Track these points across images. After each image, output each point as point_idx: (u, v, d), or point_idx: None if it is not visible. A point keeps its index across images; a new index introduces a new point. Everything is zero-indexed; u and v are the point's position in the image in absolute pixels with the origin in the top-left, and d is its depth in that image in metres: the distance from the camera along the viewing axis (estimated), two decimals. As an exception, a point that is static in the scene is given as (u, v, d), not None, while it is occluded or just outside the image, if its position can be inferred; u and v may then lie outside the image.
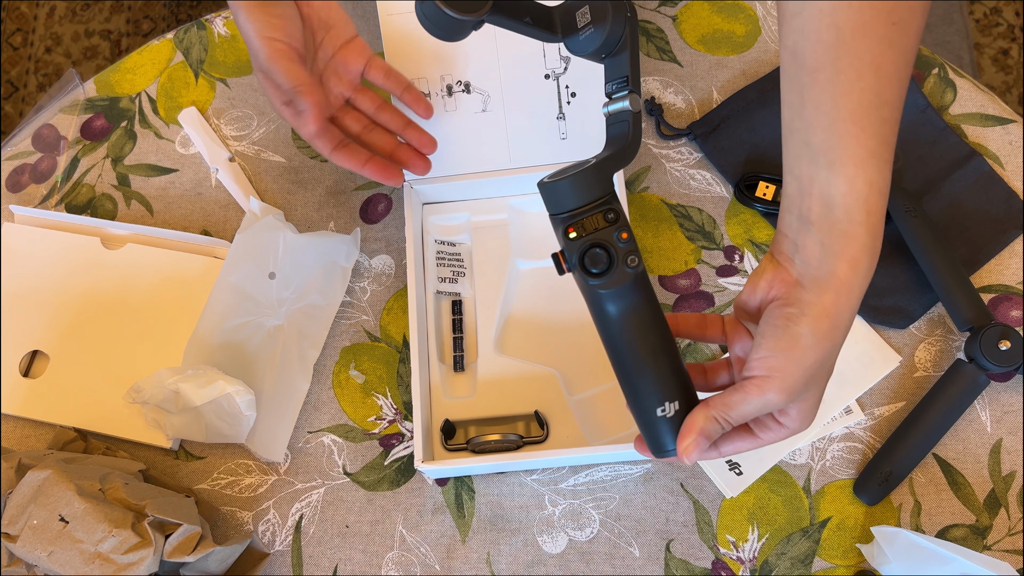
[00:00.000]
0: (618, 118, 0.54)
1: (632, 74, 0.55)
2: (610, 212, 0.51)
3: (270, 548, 0.71)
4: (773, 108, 0.80)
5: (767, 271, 0.52)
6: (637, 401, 0.54)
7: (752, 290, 0.53)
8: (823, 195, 0.48)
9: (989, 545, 0.68)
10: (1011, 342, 0.69)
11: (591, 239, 0.51)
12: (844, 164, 0.47)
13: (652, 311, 0.53)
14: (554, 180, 0.51)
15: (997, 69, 1.67)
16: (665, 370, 0.53)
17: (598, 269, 0.51)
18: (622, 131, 0.54)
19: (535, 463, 0.70)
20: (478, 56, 0.75)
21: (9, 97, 1.80)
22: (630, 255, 0.51)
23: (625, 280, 0.51)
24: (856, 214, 0.48)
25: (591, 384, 0.73)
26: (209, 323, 0.73)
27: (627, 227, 0.51)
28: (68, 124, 0.87)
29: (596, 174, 0.51)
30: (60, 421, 0.74)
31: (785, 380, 0.49)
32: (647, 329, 0.52)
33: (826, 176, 0.48)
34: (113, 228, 0.80)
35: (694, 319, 0.57)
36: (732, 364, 0.56)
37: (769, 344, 0.50)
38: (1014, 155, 0.78)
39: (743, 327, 0.55)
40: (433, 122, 0.76)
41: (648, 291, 0.53)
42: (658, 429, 0.53)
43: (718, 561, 0.68)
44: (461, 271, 0.77)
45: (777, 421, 0.53)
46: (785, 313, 0.49)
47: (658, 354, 0.53)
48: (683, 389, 0.54)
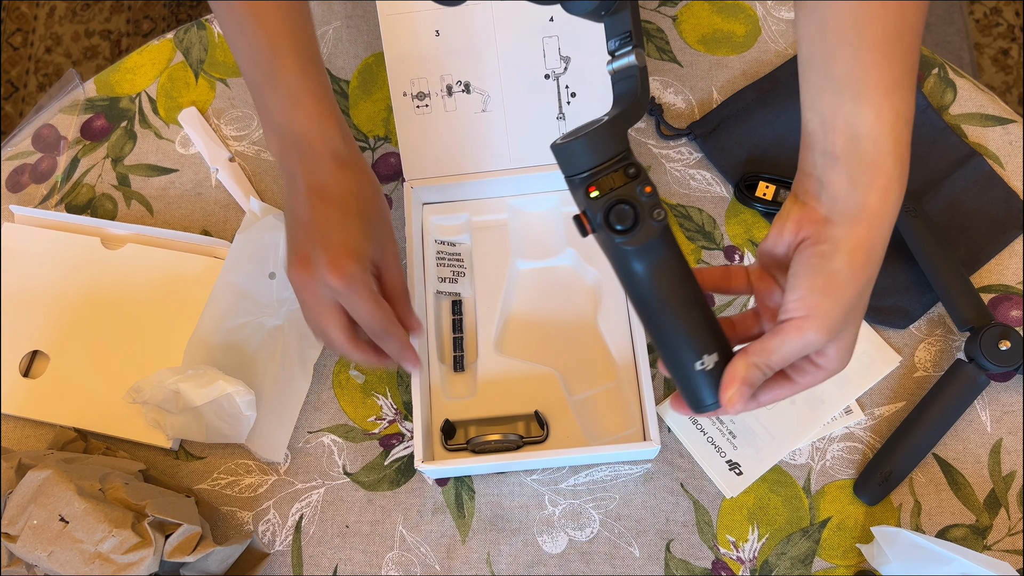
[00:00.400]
0: (624, 74, 0.53)
1: (635, 29, 0.53)
2: (630, 167, 0.50)
3: (270, 548, 0.71)
4: (773, 108, 0.80)
5: (792, 213, 0.51)
6: (673, 357, 0.52)
7: (779, 234, 0.52)
8: (848, 127, 0.48)
9: (989, 545, 0.68)
10: (1011, 342, 0.69)
11: (615, 195, 0.49)
12: (870, 94, 0.47)
13: (681, 263, 0.52)
14: (568, 141, 0.50)
15: (997, 69, 1.67)
16: (699, 322, 0.52)
17: (624, 226, 0.49)
18: (630, 87, 0.52)
19: (535, 463, 0.70)
20: (478, 56, 0.75)
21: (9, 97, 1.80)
22: (655, 208, 0.49)
23: (653, 234, 0.49)
24: (884, 143, 0.47)
25: (591, 384, 0.73)
26: (209, 323, 0.73)
27: (649, 180, 0.50)
28: (68, 124, 0.87)
29: (611, 130, 0.50)
30: (60, 421, 0.74)
31: (824, 318, 0.48)
32: (678, 282, 0.51)
33: (851, 107, 0.47)
34: (113, 228, 0.80)
35: (718, 272, 0.56)
36: (760, 314, 0.55)
37: (805, 284, 0.49)
38: (1014, 155, 0.78)
39: (769, 275, 0.55)
40: (434, 122, 0.76)
41: (675, 244, 0.51)
42: (697, 383, 0.52)
43: (718, 561, 0.68)
44: (461, 271, 0.77)
45: (814, 364, 0.52)
46: (818, 251, 0.49)
47: (691, 307, 0.51)
48: (719, 340, 0.52)
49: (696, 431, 0.71)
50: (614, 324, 0.74)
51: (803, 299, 0.49)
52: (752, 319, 0.56)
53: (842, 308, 0.48)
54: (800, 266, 0.49)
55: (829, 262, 0.48)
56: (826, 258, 0.48)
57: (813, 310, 0.48)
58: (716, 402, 0.52)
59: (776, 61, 0.83)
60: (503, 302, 0.76)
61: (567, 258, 0.77)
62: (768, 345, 0.50)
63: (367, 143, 0.84)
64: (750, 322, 0.56)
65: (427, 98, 0.76)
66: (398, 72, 0.75)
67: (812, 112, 0.50)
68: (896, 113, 0.47)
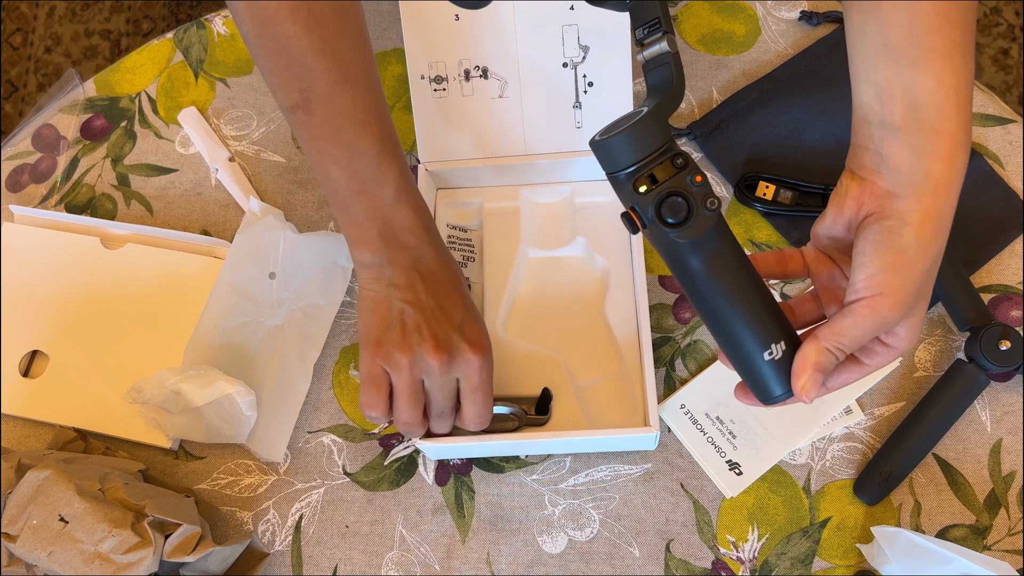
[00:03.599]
0: (657, 62, 0.51)
1: (663, 15, 0.51)
2: (678, 158, 0.47)
3: (270, 548, 0.71)
4: (773, 108, 0.80)
5: (851, 189, 0.49)
6: (738, 349, 0.50)
7: (838, 212, 0.50)
8: (908, 95, 0.46)
9: (989, 545, 0.68)
10: (1011, 342, 0.69)
11: (666, 188, 0.47)
12: (930, 59, 0.45)
13: (738, 252, 0.50)
14: (609, 136, 0.48)
15: (997, 69, 1.67)
16: (764, 311, 0.50)
17: (678, 219, 0.47)
18: (664, 75, 0.50)
19: (534, 446, 0.70)
20: (496, 42, 0.75)
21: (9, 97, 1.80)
22: (708, 198, 0.47)
23: (708, 224, 0.47)
24: (947, 108, 0.46)
25: (595, 372, 0.73)
26: (209, 323, 0.73)
27: (699, 169, 0.48)
28: (68, 124, 0.87)
29: (653, 122, 0.48)
30: (60, 421, 0.74)
31: (897, 295, 0.47)
32: (738, 271, 0.49)
33: (910, 74, 0.46)
34: (113, 228, 0.80)
35: (773, 257, 0.54)
36: (819, 296, 0.54)
37: (874, 261, 0.47)
38: (1014, 155, 0.78)
39: (825, 256, 0.53)
40: (450, 106, 0.76)
41: (730, 232, 0.50)
42: (766, 374, 0.50)
43: (718, 561, 0.68)
44: (471, 256, 0.78)
45: (884, 344, 0.50)
46: (885, 227, 0.47)
47: (754, 295, 0.49)
48: (785, 328, 0.50)
49: (696, 431, 0.71)
50: (621, 314, 0.74)
51: (873, 277, 0.47)
52: (811, 302, 0.54)
53: (913, 284, 0.47)
54: (867, 243, 0.48)
55: (898, 237, 0.47)
56: (894, 233, 0.47)
57: (885, 288, 0.47)
58: (787, 391, 0.50)
59: (776, 61, 0.83)
60: (511, 288, 0.76)
61: (577, 248, 0.77)
62: (839, 327, 0.48)
63: (367, 143, 0.84)
64: (809, 306, 0.54)
65: (444, 82, 0.76)
66: (417, 55, 0.75)
67: (866, 83, 0.48)
68: (958, 76, 0.46)
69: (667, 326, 0.75)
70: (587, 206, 0.79)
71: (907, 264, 0.47)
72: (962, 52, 0.46)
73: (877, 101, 0.48)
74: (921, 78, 0.46)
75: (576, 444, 0.70)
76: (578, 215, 0.78)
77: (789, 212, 0.77)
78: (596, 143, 0.49)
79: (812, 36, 0.84)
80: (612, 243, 0.77)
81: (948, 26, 0.45)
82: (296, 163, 0.83)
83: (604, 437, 0.67)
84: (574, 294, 0.76)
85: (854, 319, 0.48)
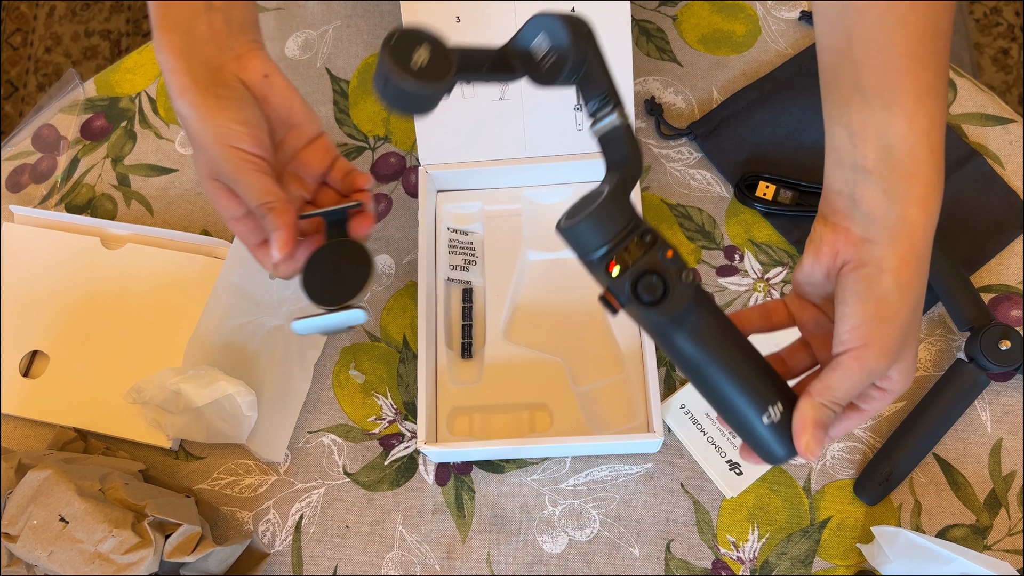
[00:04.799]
0: (611, 137, 0.51)
1: (609, 87, 0.51)
2: (646, 235, 0.47)
3: (270, 548, 0.71)
4: (773, 108, 0.80)
5: (825, 237, 0.49)
6: (736, 416, 0.50)
7: (814, 260, 0.50)
8: (880, 138, 0.46)
9: (989, 545, 0.68)
10: (1011, 342, 0.69)
11: (639, 268, 0.47)
12: (903, 102, 0.45)
13: (721, 320, 0.49)
14: (574, 223, 0.47)
15: (997, 69, 1.67)
16: (755, 375, 0.49)
17: (655, 297, 0.47)
18: (619, 148, 0.51)
19: (538, 450, 0.70)
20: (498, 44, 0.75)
21: (9, 97, 1.80)
22: (682, 271, 0.47)
23: (686, 298, 0.47)
24: (919, 152, 0.45)
25: (597, 376, 0.73)
26: (209, 323, 0.73)
27: (668, 243, 0.48)
28: (68, 124, 0.87)
29: (615, 202, 0.47)
30: (60, 421, 0.74)
31: (883, 344, 0.46)
32: (724, 339, 0.49)
33: (882, 117, 0.45)
34: (113, 228, 0.80)
35: (756, 313, 0.54)
36: (808, 343, 0.53)
37: (856, 312, 0.46)
38: (1014, 155, 0.78)
39: (809, 303, 0.53)
40: (451, 107, 0.76)
41: (710, 300, 0.49)
42: (767, 438, 0.49)
43: (718, 561, 0.68)
44: (472, 259, 0.78)
45: (880, 388, 0.50)
46: (863, 275, 0.47)
47: (743, 361, 0.49)
48: (779, 388, 0.50)
49: (696, 431, 0.71)
50: (623, 318, 0.74)
51: (857, 328, 0.47)
52: (802, 351, 0.54)
53: (898, 330, 0.47)
54: (847, 293, 0.47)
55: (877, 285, 0.46)
56: (872, 282, 0.46)
57: (869, 338, 0.46)
58: (791, 451, 0.50)
59: (776, 61, 0.83)
60: (513, 291, 0.76)
61: None
62: (830, 381, 0.48)
63: (367, 143, 0.84)
64: (800, 354, 0.54)
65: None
66: None
67: (839, 125, 0.48)
68: (931, 120, 0.45)
69: (667, 326, 0.75)
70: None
71: (889, 312, 0.46)
72: (934, 95, 0.46)
73: (850, 144, 0.47)
74: (893, 121, 0.46)
75: (580, 449, 0.70)
76: None
77: (789, 212, 0.77)
78: (562, 229, 0.48)
79: (812, 36, 0.84)
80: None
81: (921, 69, 0.45)
82: (296, 163, 0.83)
83: (608, 443, 0.67)
84: (576, 297, 0.76)
85: (843, 372, 0.47)
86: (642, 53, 0.85)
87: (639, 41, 0.85)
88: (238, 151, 0.56)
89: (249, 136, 0.57)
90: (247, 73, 0.58)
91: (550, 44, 0.51)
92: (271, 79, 0.59)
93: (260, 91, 0.59)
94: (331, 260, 0.59)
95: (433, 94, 0.47)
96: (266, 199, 0.57)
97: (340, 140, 0.84)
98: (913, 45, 0.45)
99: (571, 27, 0.50)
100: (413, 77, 0.46)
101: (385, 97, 0.48)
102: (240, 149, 0.57)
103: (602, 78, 0.51)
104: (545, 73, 0.52)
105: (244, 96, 0.58)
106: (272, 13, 0.89)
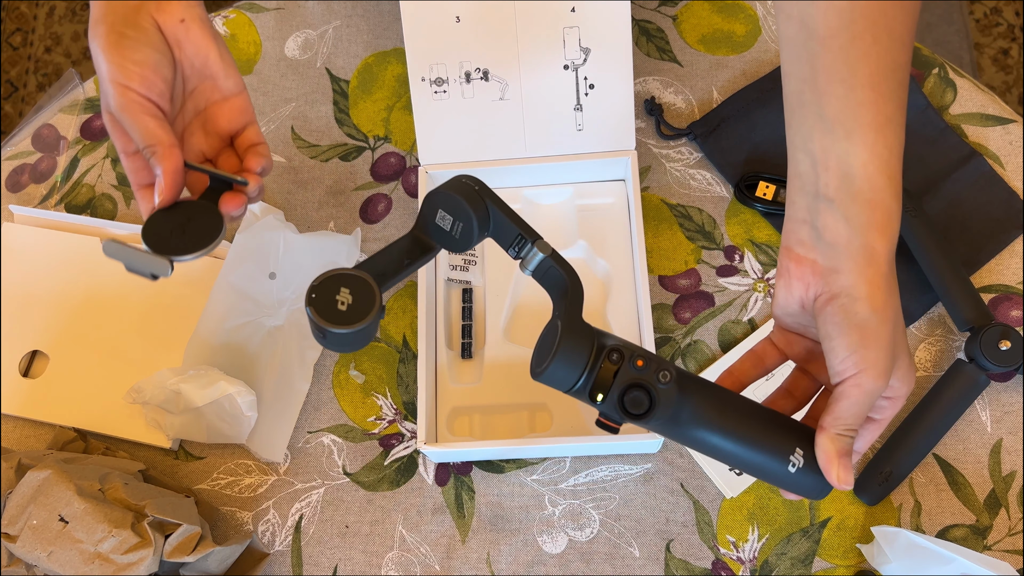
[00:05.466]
0: (543, 269, 0.53)
1: (521, 227, 0.53)
2: (612, 353, 0.49)
3: (270, 548, 0.71)
4: (773, 108, 0.80)
5: (792, 270, 0.50)
6: (763, 473, 0.52)
7: (787, 293, 0.51)
8: (841, 166, 0.47)
9: (989, 545, 0.68)
10: (1011, 342, 0.69)
11: (618, 388, 0.49)
12: (864, 132, 0.46)
13: (713, 393, 0.51)
14: (544, 368, 0.49)
15: (997, 69, 1.67)
16: (766, 431, 0.51)
17: (643, 408, 0.49)
18: (555, 275, 0.53)
19: (539, 451, 0.70)
20: (498, 44, 0.75)
21: (9, 97, 1.80)
22: (659, 371, 0.49)
23: (673, 395, 0.49)
24: (878, 180, 0.47)
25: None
26: (209, 323, 0.73)
27: (636, 352, 0.49)
28: (68, 124, 0.87)
29: (572, 333, 0.49)
30: (60, 421, 0.74)
31: (876, 366, 0.48)
32: (724, 411, 0.50)
33: (844, 146, 0.47)
34: (113, 228, 0.80)
35: (748, 362, 0.55)
36: (807, 371, 0.55)
37: (842, 344, 0.48)
38: (1014, 155, 0.78)
39: (793, 334, 0.54)
40: (451, 108, 0.76)
41: (696, 380, 0.51)
42: (799, 482, 0.51)
43: (718, 561, 0.68)
44: (472, 260, 0.78)
45: (886, 398, 0.51)
46: (838, 307, 0.48)
47: (749, 422, 0.50)
48: (794, 432, 0.51)
49: (696, 431, 0.71)
50: (623, 316, 0.74)
51: (847, 358, 0.48)
52: (802, 377, 0.55)
53: (885, 351, 0.48)
54: (828, 327, 0.49)
55: (854, 315, 0.47)
56: (848, 311, 0.48)
57: (861, 364, 0.48)
58: (826, 486, 0.51)
59: (776, 61, 0.83)
60: (513, 292, 0.76)
61: (579, 250, 0.77)
62: (838, 412, 0.49)
63: (367, 143, 0.84)
64: (802, 381, 0.55)
65: (445, 83, 0.76)
66: (417, 57, 0.75)
67: (803, 153, 0.49)
68: (890, 150, 0.47)
69: (667, 326, 0.75)
70: (588, 208, 0.79)
71: (872, 336, 0.48)
72: (894, 126, 0.47)
73: (812, 171, 0.49)
74: (855, 150, 0.47)
75: (580, 449, 0.70)
76: (579, 217, 0.78)
77: (789, 212, 0.76)
78: (538, 376, 0.50)
79: (812, 36, 0.84)
80: (613, 245, 0.77)
81: (882, 100, 0.46)
82: (296, 163, 0.83)
83: (608, 443, 0.67)
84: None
85: (847, 400, 0.49)
86: (642, 53, 0.85)
87: (639, 41, 0.85)
88: (128, 90, 0.56)
89: (140, 77, 0.56)
90: (164, 16, 0.58)
91: (452, 215, 0.53)
92: (188, 24, 0.58)
93: (174, 36, 0.58)
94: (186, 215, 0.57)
95: (372, 324, 0.49)
96: (149, 142, 0.56)
97: (340, 140, 0.84)
98: (875, 79, 0.46)
99: (462, 193, 0.52)
100: (345, 323, 0.48)
101: (331, 347, 0.50)
102: (130, 88, 0.55)
103: (510, 223, 0.53)
104: (460, 240, 0.54)
105: (151, 39, 0.57)
106: (272, 13, 0.89)
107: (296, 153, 0.84)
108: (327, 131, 0.84)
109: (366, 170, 0.83)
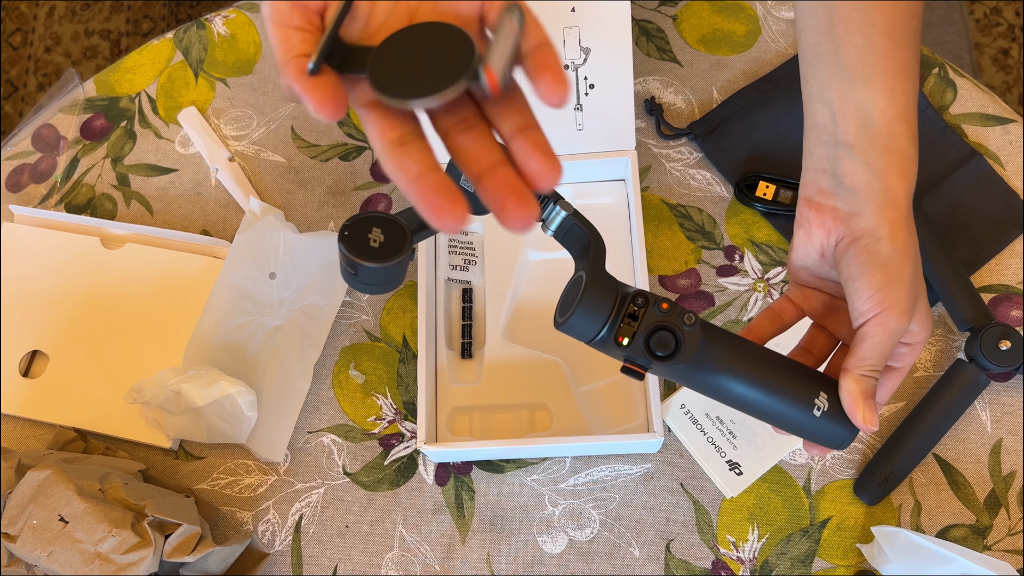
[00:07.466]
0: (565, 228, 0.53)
1: None
2: (637, 298, 0.49)
3: (270, 548, 0.71)
4: (773, 108, 0.80)
5: (812, 220, 0.51)
6: (789, 421, 0.52)
7: (807, 242, 0.52)
8: (860, 113, 0.48)
9: (989, 545, 0.68)
10: (1011, 342, 0.69)
11: (645, 329, 0.49)
12: (882, 79, 0.48)
13: (736, 342, 0.51)
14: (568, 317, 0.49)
15: (997, 69, 1.67)
16: (789, 377, 0.51)
17: (670, 350, 0.49)
18: (578, 234, 0.53)
19: (539, 450, 0.70)
20: None
21: (9, 97, 1.80)
22: (683, 315, 0.49)
23: (698, 338, 0.49)
24: (897, 126, 0.48)
25: (597, 376, 0.73)
26: (209, 323, 0.73)
27: (660, 297, 0.50)
28: (68, 124, 0.87)
29: (597, 282, 0.49)
30: (60, 421, 0.74)
31: (899, 305, 0.48)
32: (747, 358, 0.51)
33: (863, 94, 0.48)
34: (113, 228, 0.80)
35: (766, 319, 0.55)
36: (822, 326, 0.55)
37: (865, 284, 0.49)
38: (1014, 155, 0.78)
39: (810, 289, 0.54)
40: None
41: (719, 329, 0.51)
42: (825, 428, 0.52)
43: (718, 561, 0.68)
44: (472, 259, 0.78)
45: (906, 343, 0.52)
46: (861, 248, 0.49)
47: (772, 368, 0.51)
48: (817, 379, 0.52)
49: (696, 431, 0.71)
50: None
51: (871, 297, 0.49)
52: (819, 335, 0.56)
53: (908, 289, 0.49)
54: (852, 268, 0.49)
55: (877, 254, 0.48)
56: (872, 251, 0.48)
57: (885, 303, 0.48)
58: (852, 430, 0.52)
59: (776, 61, 0.83)
60: (513, 291, 0.76)
61: None
62: (862, 353, 0.49)
63: (367, 143, 0.84)
64: (819, 339, 0.55)
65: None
66: None
67: (821, 103, 0.50)
68: (907, 96, 0.48)
69: (667, 326, 0.75)
70: (588, 208, 0.78)
71: (895, 275, 0.48)
72: (910, 73, 0.48)
73: (831, 120, 0.49)
74: (873, 97, 0.48)
75: (580, 449, 0.70)
76: None
77: (789, 212, 0.77)
78: (562, 325, 0.50)
79: (812, 36, 0.84)
80: (613, 245, 0.77)
81: (898, 48, 0.48)
82: (296, 163, 0.83)
83: (608, 443, 0.67)
84: (575, 296, 0.76)
85: (871, 340, 0.49)
86: (642, 53, 0.85)
87: (639, 41, 0.85)
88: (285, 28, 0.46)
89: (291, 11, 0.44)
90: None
91: None
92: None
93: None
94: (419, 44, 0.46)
95: (402, 263, 0.49)
96: None
97: (340, 140, 0.84)
98: (891, 26, 0.47)
99: None
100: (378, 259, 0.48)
101: (360, 286, 0.50)
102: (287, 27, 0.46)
103: None
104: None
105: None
106: (272, 13, 0.89)
107: (296, 153, 0.84)
108: (327, 131, 0.84)
109: (366, 170, 0.83)
